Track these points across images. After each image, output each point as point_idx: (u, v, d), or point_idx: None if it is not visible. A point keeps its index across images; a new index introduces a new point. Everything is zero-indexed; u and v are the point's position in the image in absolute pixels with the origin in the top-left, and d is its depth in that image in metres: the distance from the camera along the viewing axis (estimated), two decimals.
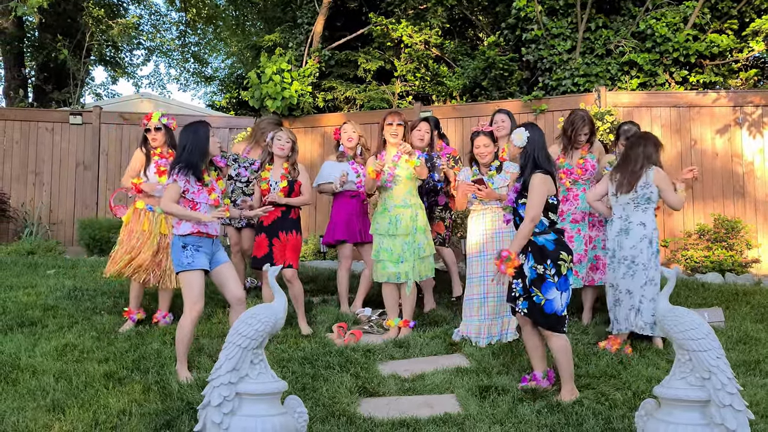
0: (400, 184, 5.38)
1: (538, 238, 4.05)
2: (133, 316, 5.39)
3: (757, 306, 5.82)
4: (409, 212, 5.32)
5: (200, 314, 4.42)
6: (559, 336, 4.00)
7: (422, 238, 5.31)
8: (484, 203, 5.19)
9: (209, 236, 4.44)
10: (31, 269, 7.33)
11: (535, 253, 4.03)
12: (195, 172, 4.40)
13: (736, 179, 8.23)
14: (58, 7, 13.62)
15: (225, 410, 2.99)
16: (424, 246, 5.32)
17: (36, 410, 3.72)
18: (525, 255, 4.07)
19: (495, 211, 5.20)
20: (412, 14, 11.13)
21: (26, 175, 9.89)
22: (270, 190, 5.43)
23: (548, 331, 4.01)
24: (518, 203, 4.13)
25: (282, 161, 5.53)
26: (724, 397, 2.83)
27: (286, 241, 5.40)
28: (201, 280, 4.36)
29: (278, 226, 5.42)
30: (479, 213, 5.28)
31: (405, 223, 5.29)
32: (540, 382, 4.14)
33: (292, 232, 5.45)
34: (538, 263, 4.00)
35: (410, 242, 5.27)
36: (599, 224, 5.60)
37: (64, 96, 13.61)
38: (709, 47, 8.85)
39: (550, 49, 9.44)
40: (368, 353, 4.81)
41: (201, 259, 4.35)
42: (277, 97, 9.86)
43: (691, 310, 3.19)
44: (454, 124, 9.33)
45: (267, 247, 5.40)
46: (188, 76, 21.23)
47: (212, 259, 4.47)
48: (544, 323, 4.00)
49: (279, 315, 3.28)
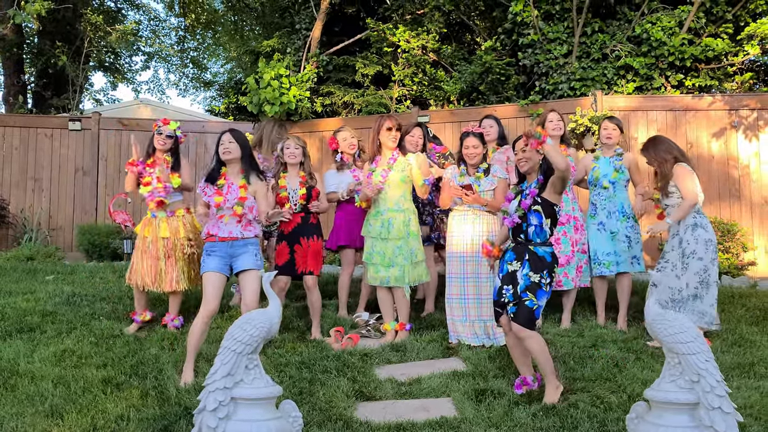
0: (393, 188, 5.37)
1: (539, 248, 4.07)
2: (137, 317, 5.47)
3: (752, 309, 5.84)
4: (401, 216, 5.33)
5: (211, 315, 4.55)
6: (533, 334, 4.01)
7: (415, 243, 5.31)
8: (468, 205, 5.22)
9: (222, 240, 4.60)
10: (30, 275, 7.36)
11: (534, 262, 4.05)
12: (209, 176, 4.76)
13: (732, 182, 8.26)
14: (57, 14, 13.66)
15: (220, 415, 3.02)
16: (417, 251, 5.32)
17: (34, 416, 3.74)
18: (520, 262, 4.09)
19: (477, 213, 5.22)
20: (410, 19, 11.19)
21: (25, 181, 9.92)
22: (289, 198, 5.46)
23: (528, 331, 3.99)
24: (531, 209, 4.10)
25: (296, 169, 5.55)
26: (713, 399, 2.86)
27: (307, 247, 5.41)
28: (213, 282, 4.56)
29: (299, 232, 5.44)
30: (461, 214, 5.28)
31: (397, 227, 5.30)
32: (532, 385, 4.17)
33: (313, 238, 5.46)
34: (535, 272, 4.02)
35: (402, 247, 5.28)
36: (581, 228, 5.72)
37: (63, 102, 13.65)
38: (705, 51, 8.89)
39: (546, 54, 9.49)
40: (365, 357, 4.83)
41: (211, 262, 4.58)
42: (275, 102, 9.90)
43: (680, 314, 3.22)
44: (452, 128, 9.36)
45: (288, 254, 5.41)
46: (187, 81, 21.30)
47: (234, 262, 4.63)
48: (526, 323, 3.99)
49: (274, 320, 3.30)
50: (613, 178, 5.70)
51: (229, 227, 4.64)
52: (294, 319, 5.83)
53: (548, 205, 4.09)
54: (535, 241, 4.09)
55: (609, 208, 5.69)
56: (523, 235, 4.13)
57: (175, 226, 5.41)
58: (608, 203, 5.70)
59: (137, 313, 5.49)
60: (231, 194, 4.66)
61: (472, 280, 5.19)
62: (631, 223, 5.67)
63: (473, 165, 5.26)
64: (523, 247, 4.13)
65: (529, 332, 3.99)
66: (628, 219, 5.66)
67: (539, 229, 4.09)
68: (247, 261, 4.62)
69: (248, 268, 4.61)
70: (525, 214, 4.12)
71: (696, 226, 5.07)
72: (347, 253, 6.07)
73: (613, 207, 5.68)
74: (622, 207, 5.68)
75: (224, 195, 4.65)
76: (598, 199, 5.75)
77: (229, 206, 4.63)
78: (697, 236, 5.03)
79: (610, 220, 5.66)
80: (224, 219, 4.64)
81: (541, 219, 4.08)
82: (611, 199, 5.70)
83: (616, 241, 5.62)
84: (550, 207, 4.10)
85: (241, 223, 4.68)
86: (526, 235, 4.12)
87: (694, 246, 5.01)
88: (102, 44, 15.68)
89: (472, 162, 5.25)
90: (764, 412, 3.74)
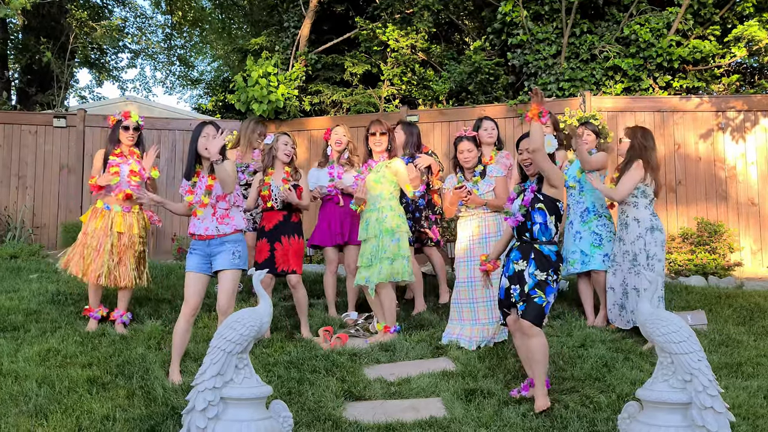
0: (370, 189, 5.44)
1: (544, 247, 4.06)
2: (94, 314, 5.42)
3: (739, 309, 5.88)
4: (375, 215, 5.36)
5: (192, 313, 4.46)
6: (540, 332, 3.99)
7: (387, 241, 5.27)
8: (470, 209, 5.22)
9: (200, 238, 4.51)
10: (13, 273, 7.26)
11: (539, 261, 4.03)
12: (186, 171, 4.62)
13: (719, 183, 8.32)
14: (41, 9, 13.52)
15: (209, 415, 2.99)
16: (390, 247, 5.24)
17: (18, 416, 3.69)
18: (526, 261, 4.06)
19: (480, 216, 5.23)
20: (399, 18, 11.16)
21: (9, 178, 9.79)
22: (271, 195, 5.43)
23: (535, 327, 3.96)
24: (534, 207, 4.09)
25: (284, 166, 5.52)
26: (705, 399, 2.86)
27: (288, 245, 5.38)
28: (192, 281, 4.48)
29: (280, 230, 5.41)
30: (466, 219, 5.31)
31: (372, 226, 5.33)
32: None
33: (294, 237, 5.42)
34: (541, 271, 4.01)
35: (376, 245, 5.29)
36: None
37: (48, 99, 13.49)
38: (692, 53, 8.94)
39: (535, 54, 9.51)
40: (354, 357, 4.81)
41: (191, 261, 4.52)
42: (263, 100, 9.83)
43: (673, 313, 3.23)
44: (441, 127, 9.35)
45: (268, 252, 5.38)
46: (174, 79, 21.14)
47: (213, 261, 4.53)
48: (535, 319, 3.97)
49: (264, 319, 3.27)
50: (578, 177, 5.75)
51: (204, 223, 4.52)
52: (282, 318, 5.79)
53: (551, 202, 4.08)
54: (540, 239, 4.07)
55: (577, 208, 5.78)
56: (528, 234, 4.11)
57: (130, 222, 5.42)
58: (575, 204, 5.79)
59: (93, 310, 5.45)
60: (200, 189, 4.57)
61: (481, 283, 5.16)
62: (603, 221, 5.72)
63: (469, 169, 5.26)
64: (528, 246, 4.10)
65: (537, 329, 3.97)
66: (600, 217, 5.71)
67: (544, 228, 4.07)
68: (223, 261, 4.47)
69: (222, 268, 4.48)
70: (528, 212, 4.10)
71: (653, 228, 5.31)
72: (328, 251, 6.09)
73: (580, 207, 5.75)
74: (594, 206, 5.73)
75: (195, 191, 4.56)
76: (570, 200, 5.86)
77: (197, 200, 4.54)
78: (655, 238, 5.29)
79: (576, 219, 5.76)
80: (198, 213, 4.55)
81: (546, 217, 4.07)
82: (578, 198, 5.77)
83: (582, 241, 5.66)
84: (552, 203, 4.08)
85: (216, 215, 4.53)
86: (531, 234, 4.10)
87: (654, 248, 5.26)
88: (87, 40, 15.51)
89: (467, 166, 5.25)
90: (752, 412, 3.77)
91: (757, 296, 6.25)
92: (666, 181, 8.32)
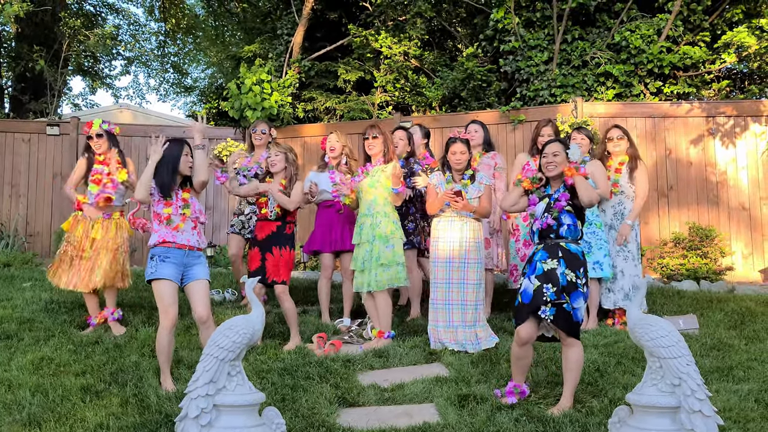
0: (365, 193, 5.45)
1: (571, 245, 4.08)
2: (91, 320, 5.62)
3: (730, 313, 5.91)
4: (369, 220, 5.37)
5: (174, 321, 4.39)
6: (578, 343, 3.99)
7: (382, 247, 5.28)
8: (456, 212, 5.23)
9: (179, 247, 4.43)
10: (6, 282, 7.24)
11: (568, 260, 4.03)
12: (162, 186, 4.44)
13: (710, 188, 8.38)
14: (35, 17, 13.52)
15: (202, 422, 2.99)
16: (384, 254, 5.25)
17: (11, 425, 3.68)
18: (556, 260, 4.05)
19: (464, 219, 5.25)
20: (392, 26, 11.22)
21: (2, 186, 9.77)
22: (267, 204, 5.47)
23: (572, 339, 3.96)
24: (563, 209, 4.12)
25: (279, 176, 5.50)
26: (693, 402, 2.89)
27: (279, 256, 5.38)
28: (169, 289, 4.37)
29: (272, 241, 5.41)
30: (448, 219, 5.29)
31: (366, 231, 5.35)
32: (526, 394, 4.15)
33: (285, 248, 5.43)
34: (571, 270, 4.00)
35: (369, 251, 5.31)
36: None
37: (41, 106, 13.47)
38: (683, 59, 9.01)
39: (527, 61, 9.57)
40: (348, 363, 4.82)
41: (166, 269, 4.37)
42: (257, 107, 9.86)
43: (661, 318, 3.25)
44: (434, 134, 9.36)
45: (260, 261, 5.40)
46: (167, 86, 21.14)
47: (186, 272, 4.47)
48: (571, 330, 3.97)
49: (257, 326, 3.28)
50: None
51: (185, 235, 4.47)
52: (276, 326, 5.79)
53: (579, 208, 4.17)
54: (567, 237, 4.09)
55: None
56: (554, 234, 4.12)
57: (107, 227, 5.60)
58: None
59: (91, 317, 5.63)
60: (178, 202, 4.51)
61: (457, 286, 5.20)
62: (593, 228, 5.77)
63: (458, 171, 5.28)
64: (555, 246, 4.09)
65: (571, 339, 3.97)
66: (590, 225, 5.76)
67: (573, 228, 4.12)
68: (201, 271, 4.49)
69: (202, 277, 4.48)
70: (558, 215, 4.13)
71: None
72: (324, 257, 6.10)
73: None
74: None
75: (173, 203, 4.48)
76: None
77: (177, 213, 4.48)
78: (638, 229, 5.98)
79: None
80: (180, 227, 4.46)
81: (575, 219, 4.13)
82: None
83: None
84: (580, 209, 4.18)
85: (196, 229, 4.54)
86: (557, 234, 4.11)
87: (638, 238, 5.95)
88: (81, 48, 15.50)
89: (457, 168, 5.27)
90: (743, 416, 3.79)
91: (748, 300, 6.29)
92: (658, 186, 8.38)
